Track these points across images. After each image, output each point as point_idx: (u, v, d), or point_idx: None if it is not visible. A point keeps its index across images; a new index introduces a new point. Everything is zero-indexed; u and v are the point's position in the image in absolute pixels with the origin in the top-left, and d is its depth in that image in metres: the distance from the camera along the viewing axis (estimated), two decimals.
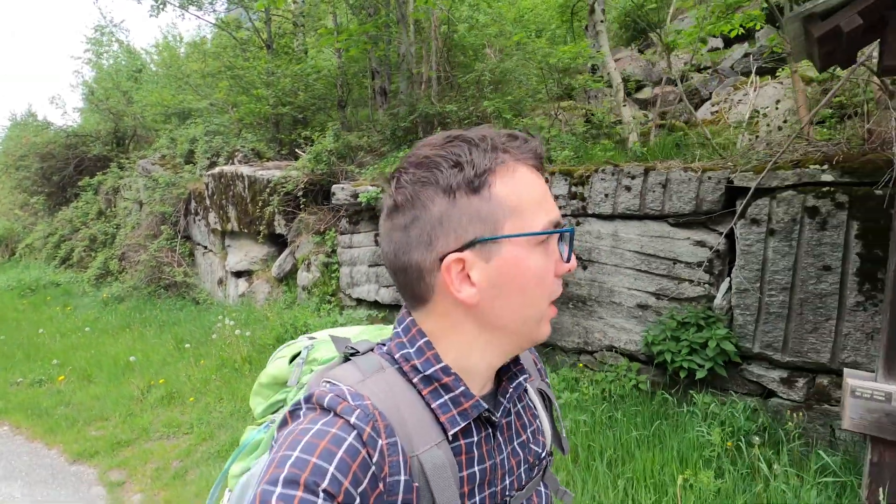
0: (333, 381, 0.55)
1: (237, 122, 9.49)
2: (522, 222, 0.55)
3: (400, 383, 0.57)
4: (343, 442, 0.47)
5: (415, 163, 0.56)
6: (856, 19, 1.65)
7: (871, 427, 1.85)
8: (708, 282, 3.18)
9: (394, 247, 0.57)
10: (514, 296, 0.56)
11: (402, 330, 0.60)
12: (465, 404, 0.57)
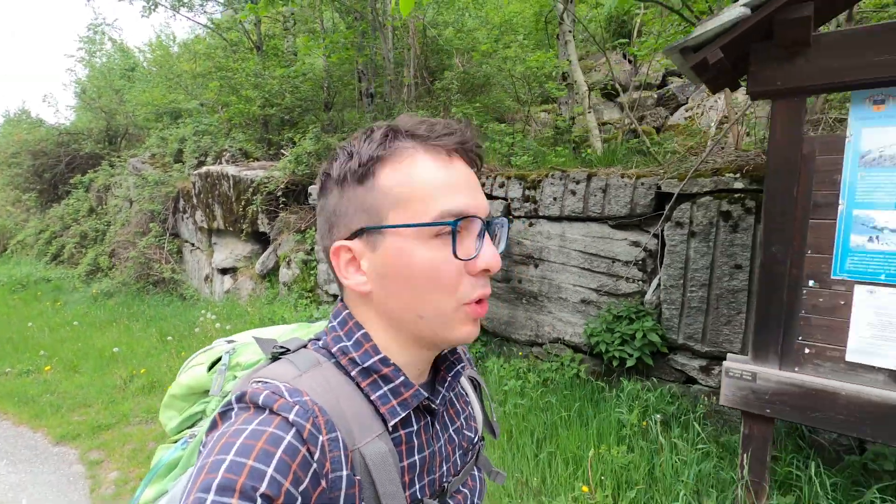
0: (267, 379, 0.53)
1: (226, 122, 9.74)
2: (409, 213, 0.53)
3: (338, 377, 0.55)
4: (281, 441, 0.45)
5: (330, 155, 0.58)
6: (718, 53, 1.93)
7: (741, 402, 2.13)
8: (641, 279, 3.47)
9: (318, 233, 0.61)
10: (402, 289, 0.55)
11: (338, 323, 0.59)
12: (405, 394, 0.56)
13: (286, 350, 0.58)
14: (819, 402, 1.96)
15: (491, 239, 0.58)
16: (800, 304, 2.05)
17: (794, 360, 2.07)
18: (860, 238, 1.91)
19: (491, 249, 0.56)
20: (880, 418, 1.86)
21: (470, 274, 0.55)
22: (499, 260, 0.57)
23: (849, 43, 1.82)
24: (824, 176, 1.96)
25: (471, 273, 0.55)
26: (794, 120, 1.98)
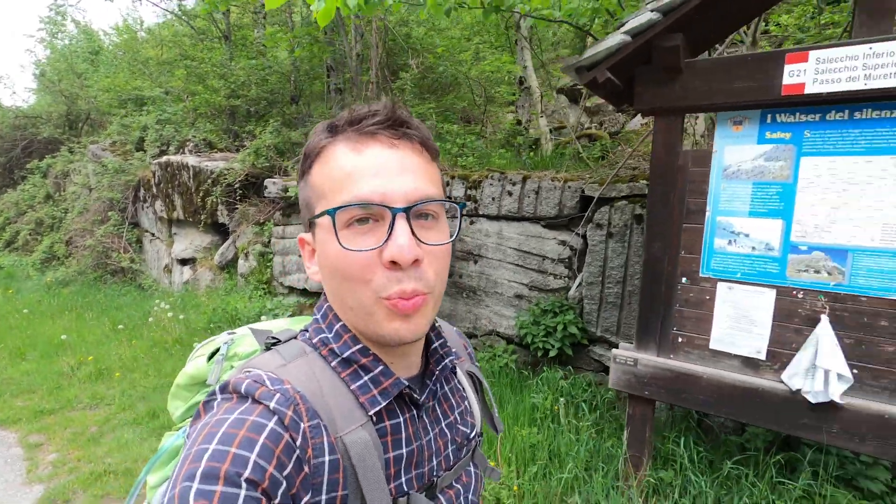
0: (252, 367, 0.54)
1: (192, 111, 9.66)
2: (325, 204, 0.54)
3: (322, 367, 0.56)
4: (263, 428, 0.46)
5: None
6: (605, 73, 2.17)
7: (625, 385, 2.39)
8: (567, 276, 3.73)
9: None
10: (329, 279, 0.57)
11: (320, 315, 0.60)
12: (385, 383, 0.56)
13: (278, 341, 0.60)
14: (687, 384, 2.23)
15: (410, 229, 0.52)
16: (675, 299, 2.31)
17: (669, 348, 2.33)
18: (722, 241, 2.18)
19: (403, 240, 0.51)
20: (734, 398, 2.14)
21: (385, 267, 0.52)
22: (410, 251, 0.51)
23: (714, 70, 2.08)
24: (695, 186, 2.23)
25: (384, 265, 0.52)
26: (671, 135, 2.23)
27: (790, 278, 2.05)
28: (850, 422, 1.91)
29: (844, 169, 1.92)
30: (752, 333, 2.14)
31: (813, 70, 1.87)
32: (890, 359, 1.88)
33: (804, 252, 2.02)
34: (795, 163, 2.02)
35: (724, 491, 2.29)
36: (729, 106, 2.10)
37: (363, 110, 0.55)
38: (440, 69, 5.80)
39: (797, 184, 2.02)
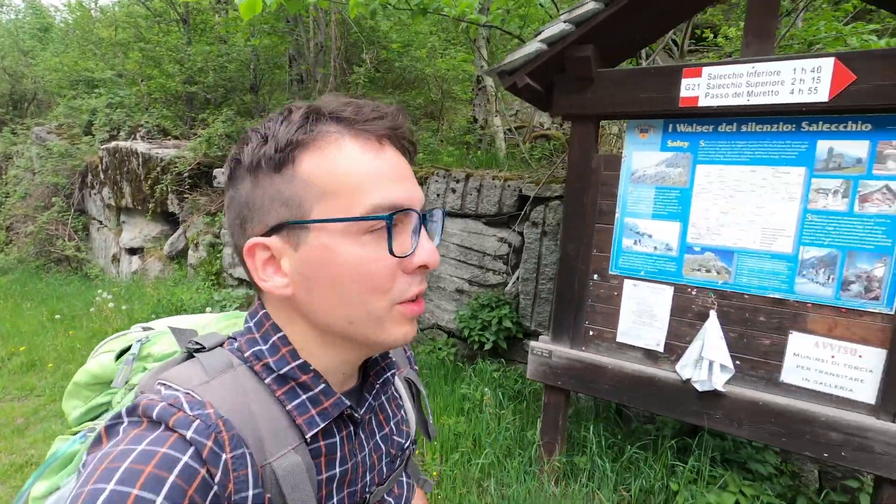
0: (170, 383, 0.48)
1: (146, 96, 9.35)
2: (337, 206, 0.47)
3: (252, 383, 0.50)
4: (176, 463, 0.40)
5: (241, 138, 0.51)
6: (525, 79, 2.28)
7: (540, 376, 2.53)
8: (505, 272, 3.86)
9: (227, 227, 0.55)
10: (328, 291, 0.49)
11: (254, 324, 0.53)
12: (325, 403, 0.52)
13: (201, 346, 0.53)
14: (595, 374, 2.38)
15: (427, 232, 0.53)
16: (587, 295, 2.45)
17: (581, 341, 2.48)
18: (628, 241, 2.33)
19: (429, 244, 0.52)
20: (635, 387, 2.30)
21: (405, 272, 0.51)
22: (437, 255, 0.52)
23: (623, 81, 2.22)
24: (607, 189, 2.37)
25: (406, 271, 0.51)
26: (586, 140, 2.37)
27: (686, 276, 2.22)
28: (731, 408, 2.09)
29: (732, 177, 2.10)
30: (652, 327, 2.30)
31: (705, 85, 2.03)
32: (766, 351, 2.07)
33: (698, 252, 2.19)
34: (692, 170, 2.18)
35: (627, 473, 2.45)
36: (636, 115, 2.25)
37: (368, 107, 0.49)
38: (397, 64, 5.83)
39: (693, 189, 2.18)
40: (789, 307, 2.02)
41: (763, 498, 2.27)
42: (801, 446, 1.97)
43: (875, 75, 1.76)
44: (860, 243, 1.89)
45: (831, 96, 1.82)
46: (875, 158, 1.85)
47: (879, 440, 1.82)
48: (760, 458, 2.55)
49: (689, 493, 2.28)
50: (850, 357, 1.93)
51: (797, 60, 1.87)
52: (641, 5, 2.10)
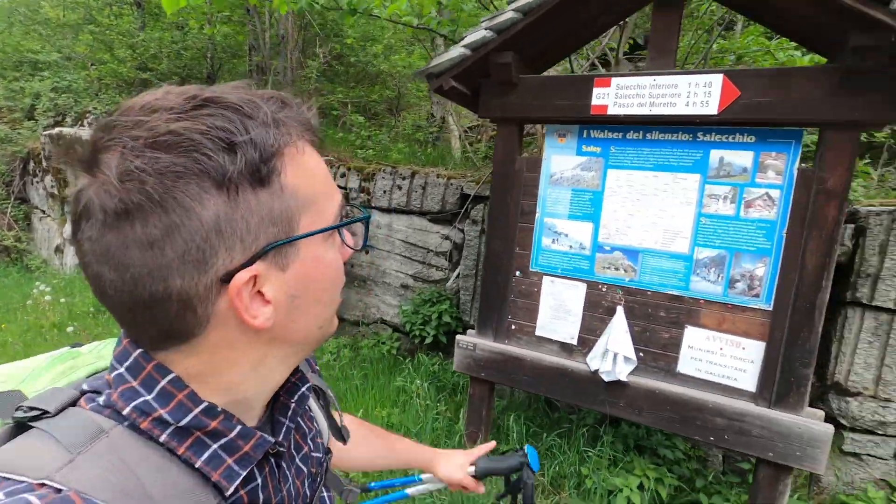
0: (10, 475, 0.35)
1: (96, 80, 8.99)
2: (318, 215, 0.44)
3: (136, 448, 0.40)
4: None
5: (151, 141, 0.36)
6: (450, 81, 2.37)
7: (465, 368, 2.64)
8: (447, 268, 3.95)
9: (130, 272, 0.38)
10: (313, 304, 0.46)
11: (126, 371, 0.42)
12: (245, 447, 0.44)
13: (42, 412, 0.40)
14: (515, 366, 2.50)
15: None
16: (510, 290, 2.57)
17: (504, 335, 2.59)
18: (547, 240, 2.46)
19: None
20: (551, 379, 2.43)
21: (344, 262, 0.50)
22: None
23: (542, 87, 2.34)
24: (529, 189, 2.49)
25: (345, 261, 0.50)
26: (510, 142, 2.48)
27: (597, 274, 2.36)
28: (633, 397, 2.24)
29: (638, 181, 2.25)
30: (567, 322, 2.44)
31: (614, 94, 2.17)
32: (665, 344, 2.24)
33: (608, 252, 2.33)
34: (603, 174, 2.32)
35: (545, 460, 2.59)
36: (555, 120, 2.37)
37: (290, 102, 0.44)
38: (353, 59, 5.84)
39: (604, 192, 2.32)
40: (685, 303, 2.19)
41: (665, 480, 2.45)
42: (692, 431, 2.14)
43: (757, 92, 1.93)
44: (745, 245, 2.07)
45: (720, 109, 1.98)
46: (758, 168, 2.02)
47: (756, 424, 2.01)
48: (670, 444, 2.73)
49: (599, 477, 2.43)
50: (735, 349, 2.11)
51: (692, 75, 2.02)
52: (558, 16, 2.21)
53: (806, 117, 1.88)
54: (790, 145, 1.96)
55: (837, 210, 1.87)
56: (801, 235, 1.94)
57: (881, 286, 2.42)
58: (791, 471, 2.02)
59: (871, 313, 2.49)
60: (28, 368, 0.57)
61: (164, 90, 0.40)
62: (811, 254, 1.92)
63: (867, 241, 2.46)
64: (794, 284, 1.96)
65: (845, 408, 2.52)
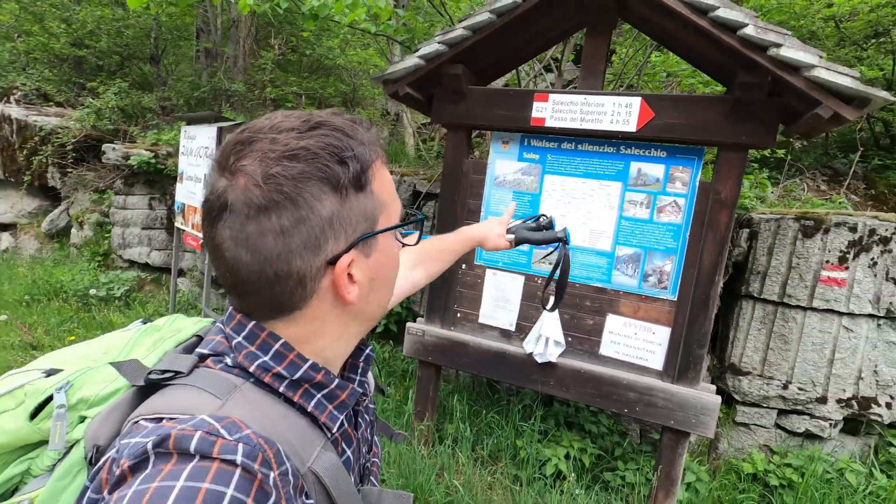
0: (178, 414, 0.44)
1: (23, 54, 8.38)
2: (388, 214, 0.56)
3: (263, 397, 0.50)
4: (222, 498, 0.38)
5: (284, 153, 0.47)
6: (405, 88, 2.57)
7: (414, 352, 2.86)
8: None
9: (263, 255, 0.48)
10: (384, 286, 0.58)
11: (245, 338, 0.52)
12: (342, 396, 0.55)
13: (175, 374, 0.50)
14: (459, 350, 2.75)
15: None
16: (456, 281, 2.81)
17: (450, 322, 2.83)
18: None
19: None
20: (491, 361, 2.69)
21: None
22: None
23: (488, 98, 2.58)
24: (475, 190, 2.73)
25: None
26: (458, 146, 2.71)
27: (533, 268, 2.65)
28: (561, 376, 2.55)
29: (570, 187, 2.54)
30: (507, 310, 2.71)
31: (551, 108, 2.44)
32: (590, 329, 2.55)
33: (542, 248, 2.61)
34: (541, 178, 2.60)
35: (484, 435, 2.86)
36: (499, 128, 2.62)
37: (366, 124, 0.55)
38: (308, 52, 5.86)
39: (541, 195, 2.60)
40: (607, 294, 2.51)
41: (589, 450, 2.79)
42: (610, 404, 2.47)
43: (668, 114, 2.26)
44: (657, 245, 2.41)
45: (638, 127, 2.30)
46: (668, 179, 2.37)
47: (660, 397, 2.36)
48: (595, 420, 3.08)
49: (532, 449, 2.73)
50: (647, 334, 2.45)
51: (616, 97, 2.33)
52: (503, 36, 2.46)
53: (706, 137, 2.23)
54: (693, 161, 2.32)
55: (728, 217, 2.24)
56: (699, 237, 2.30)
57: (768, 282, 2.87)
58: (688, 436, 2.39)
59: (760, 305, 2.94)
60: (114, 345, 0.66)
61: (281, 114, 0.52)
62: (707, 253, 2.29)
63: (758, 243, 2.90)
64: (694, 278, 2.32)
65: (738, 385, 2.96)
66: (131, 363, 0.54)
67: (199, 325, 0.68)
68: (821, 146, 5.12)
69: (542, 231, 1.13)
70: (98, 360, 0.63)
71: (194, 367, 0.51)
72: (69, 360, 0.63)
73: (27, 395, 0.58)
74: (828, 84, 1.87)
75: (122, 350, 0.64)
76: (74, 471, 0.51)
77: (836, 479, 2.61)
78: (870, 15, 4.33)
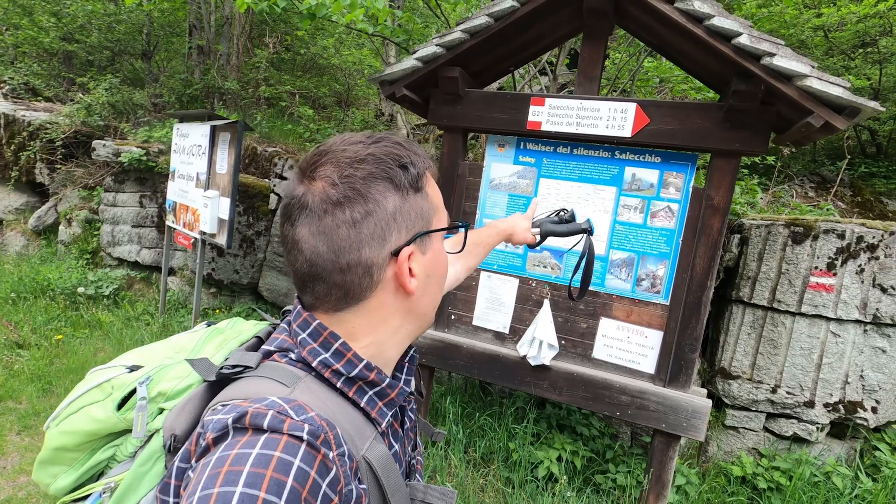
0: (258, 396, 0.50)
1: (12, 48, 8.25)
2: (440, 218, 0.62)
3: (323, 389, 0.55)
4: (290, 466, 0.43)
5: (356, 158, 0.55)
6: (402, 90, 2.57)
7: None
8: None
9: (337, 244, 0.55)
10: (436, 284, 0.63)
11: (309, 335, 0.58)
12: (392, 394, 0.59)
13: (243, 368, 0.56)
14: (452, 353, 2.75)
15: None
16: None
17: (444, 324, 2.83)
18: None
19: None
20: (484, 363, 2.69)
21: None
22: None
23: (485, 101, 2.59)
24: (470, 192, 2.74)
25: None
26: (455, 148, 2.71)
27: (528, 271, 2.66)
28: (555, 379, 2.56)
29: (565, 190, 2.56)
30: (501, 312, 2.72)
31: (547, 113, 2.46)
32: (583, 333, 2.57)
33: (538, 251, 2.63)
34: (536, 182, 2.61)
35: (477, 438, 2.87)
36: (495, 131, 2.63)
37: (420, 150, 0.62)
38: (302, 51, 5.83)
39: (537, 198, 2.61)
40: (601, 298, 2.53)
41: (580, 452, 2.80)
42: (602, 407, 2.48)
43: (663, 120, 2.29)
44: (650, 249, 2.43)
45: (633, 133, 2.32)
46: (662, 184, 2.39)
47: (653, 400, 2.38)
48: (587, 423, 3.10)
49: (524, 451, 2.74)
50: (639, 338, 2.47)
51: (612, 102, 2.35)
52: (500, 40, 2.47)
53: (699, 144, 2.25)
54: (687, 167, 2.34)
55: (721, 222, 2.27)
56: (692, 243, 2.33)
57: (758, 287, 2.91)
58: (679, 439, 2.41)
59: (750, 310, 2.97)
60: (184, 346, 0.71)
61: (349, 133, 0.60)
62: (700, 258, 2.31)
63: (749, 249, 2.94)
64: (686, 283, 2.35)
65: (728, 389, 3.00)
66: (203, 361, 0.59)
67: (259, 328, 0.73)
68: (809, 153, 5.21)
69: (566, 224, 1.14)
70: (172, 359, 0.68)
71: (261, 362, 0.57)
72: (147, 358, 0.69)
73: (114, 387, 0.64)
74: (820, 94, 1.91)
75: (192, 350, 0.70)
76: (154, 457, 0.57)
77: (823, 483, 2.65)
78: (857, 25, 4.41)
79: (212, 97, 5.92)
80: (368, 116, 6.34)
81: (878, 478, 2.69)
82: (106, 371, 0.67)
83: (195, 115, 4.17)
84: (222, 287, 4.98)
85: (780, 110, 2.10)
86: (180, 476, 0.48)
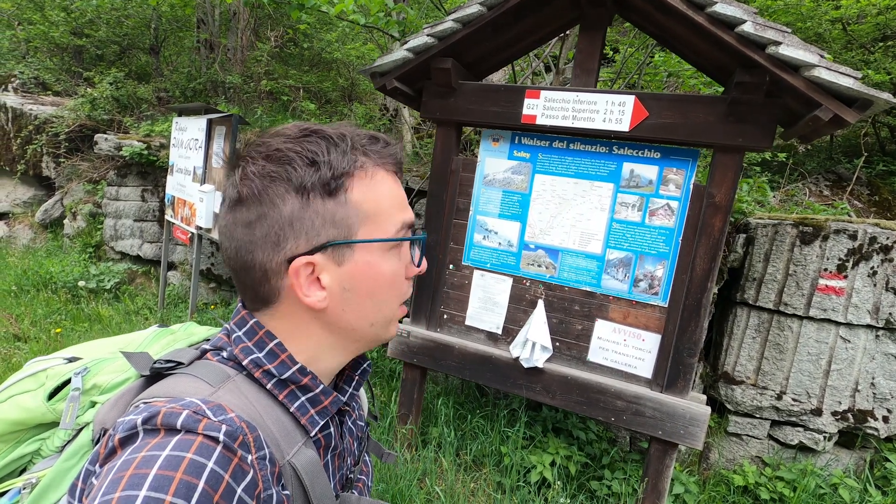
0: (175, 395, 0.48)
1: (24, 42, 8.33)
2: (377, 228, 0.55)
3: (253, 390, 0.53)
4: (203, 469, 0.40)
5: (265, 154, 0.52)
6: (393, 82, 2.49)
7: (399, 354, 2.79)
8: None
9: (236, 244, 0.53)
10: (364, 300, 0.56)
11: (244, 334, 0.55)
12: (325, 402, 0.56)
13: (177, 364, 0.53)
14: (444, 353, 2.68)
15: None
16: (442, 282, 2.74)
17: (436, 323, 2.76)
18: (479, 236, 2.64)
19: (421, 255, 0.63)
20: (477, 365, 2.62)
21: (407, 278, 0.60)
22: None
23: (478, 94, 2.50)
24: (464, 188, 2.65)
25: (408, 277, 0.60)
26: (448, 142, 2.63)
27: (522, 270, 2.57)
28: (548, 382, 2.47)
29: (561, 187, 2.46)
30: (494, 312, 2.64)
31: (542, 106, 2.36)
32: (578, 335, 2.48)
33: (532, 250, 2.54)
34: (531, 178, 2.52)
35: (469, 440, 2.79)
36: (489, 125, 2.54)
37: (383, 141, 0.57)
38: (305, 46, 5.78)
39: (531, 194, 2.52)
40: (597, 299, 2.44)
41: (575, 457, 2.71)
42: (597, 412, 2.39)
43: (663, 114, 2.18)
44: (648, 249, 2.33)
45: (631, 127, 2.22)
46: (661, 181, 2.29)
47: (649, 406, 2.29)
48: (583, 426, 3.01)
49: (517, 455, 2.66)
50: (636, 341, 2.38)
51: (609, 95, 2.25)
52: (494, 30, 2.38)
53: (701, 139, 2.14)
54: (688, 163, 2.23)
55: (722, 222, 2.16)
56: (692, 243, 2.22)
57: (764, 289, 2.79)
58: (676, 446, 2.31)
59: (756, 312, 2.85)
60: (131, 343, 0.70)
61: (296, 124, 0.55)
62: (700, 259, 2.21)
63: (755, 249, 2.82)
64: (685, 285, 2.24)
65: (731, 394, 2.89)
66: (141, 355, 0.58)
67: (211, 332, 0.71)
68: (825, 150, 5.02)
69: None
70: (115, 354, 0.67)
71: (195, 359, 0.55)
72: (89, 351, 0.68)
73: (48, 377, 0.63)
74: (828, 85, 1.79)
75: (138, 347, 0.69)
76: (81, 452, 0.55)
77: (829, 495, 2.54)
78: (878, 18, 4.23)
79: (216, 91, 5.90)
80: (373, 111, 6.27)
81: (888, 490, 2.56)
82: (44, 361, 0.66)
83: (193, 109, 4.14)
84: (222, 282, 4.96)
85: (787, 103, 1.98)
86: (87, 479, 0.45)
